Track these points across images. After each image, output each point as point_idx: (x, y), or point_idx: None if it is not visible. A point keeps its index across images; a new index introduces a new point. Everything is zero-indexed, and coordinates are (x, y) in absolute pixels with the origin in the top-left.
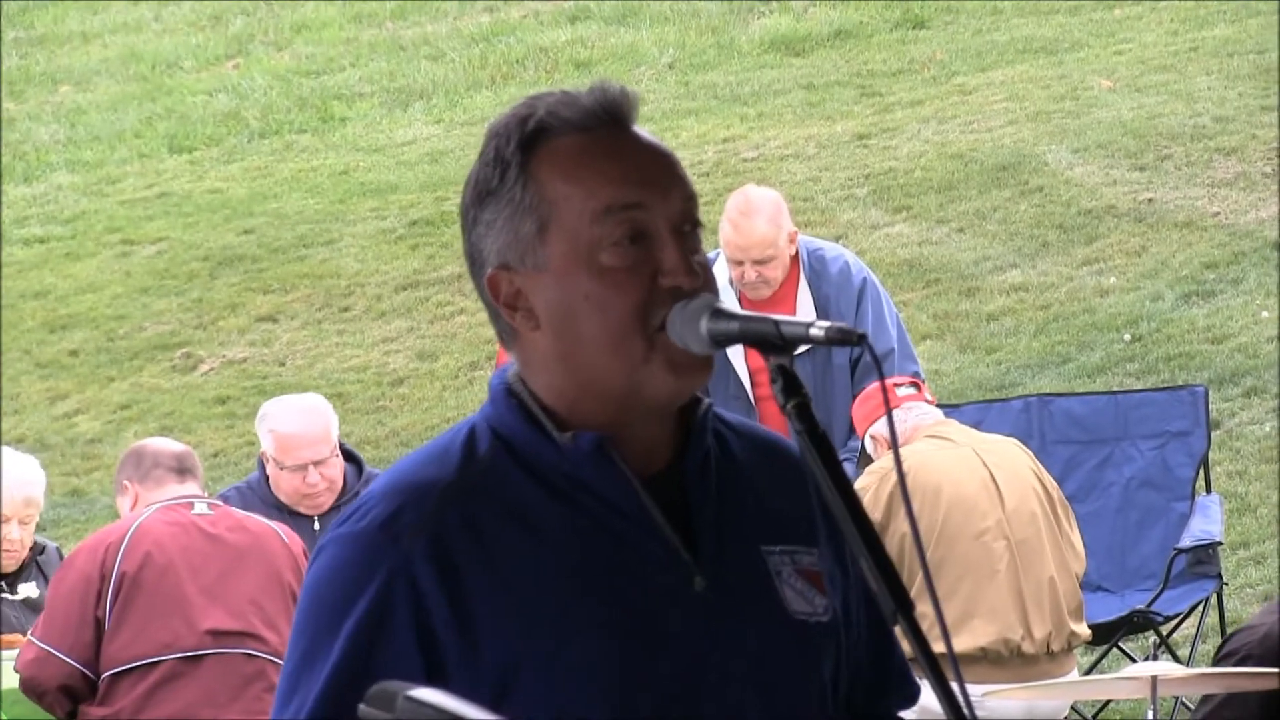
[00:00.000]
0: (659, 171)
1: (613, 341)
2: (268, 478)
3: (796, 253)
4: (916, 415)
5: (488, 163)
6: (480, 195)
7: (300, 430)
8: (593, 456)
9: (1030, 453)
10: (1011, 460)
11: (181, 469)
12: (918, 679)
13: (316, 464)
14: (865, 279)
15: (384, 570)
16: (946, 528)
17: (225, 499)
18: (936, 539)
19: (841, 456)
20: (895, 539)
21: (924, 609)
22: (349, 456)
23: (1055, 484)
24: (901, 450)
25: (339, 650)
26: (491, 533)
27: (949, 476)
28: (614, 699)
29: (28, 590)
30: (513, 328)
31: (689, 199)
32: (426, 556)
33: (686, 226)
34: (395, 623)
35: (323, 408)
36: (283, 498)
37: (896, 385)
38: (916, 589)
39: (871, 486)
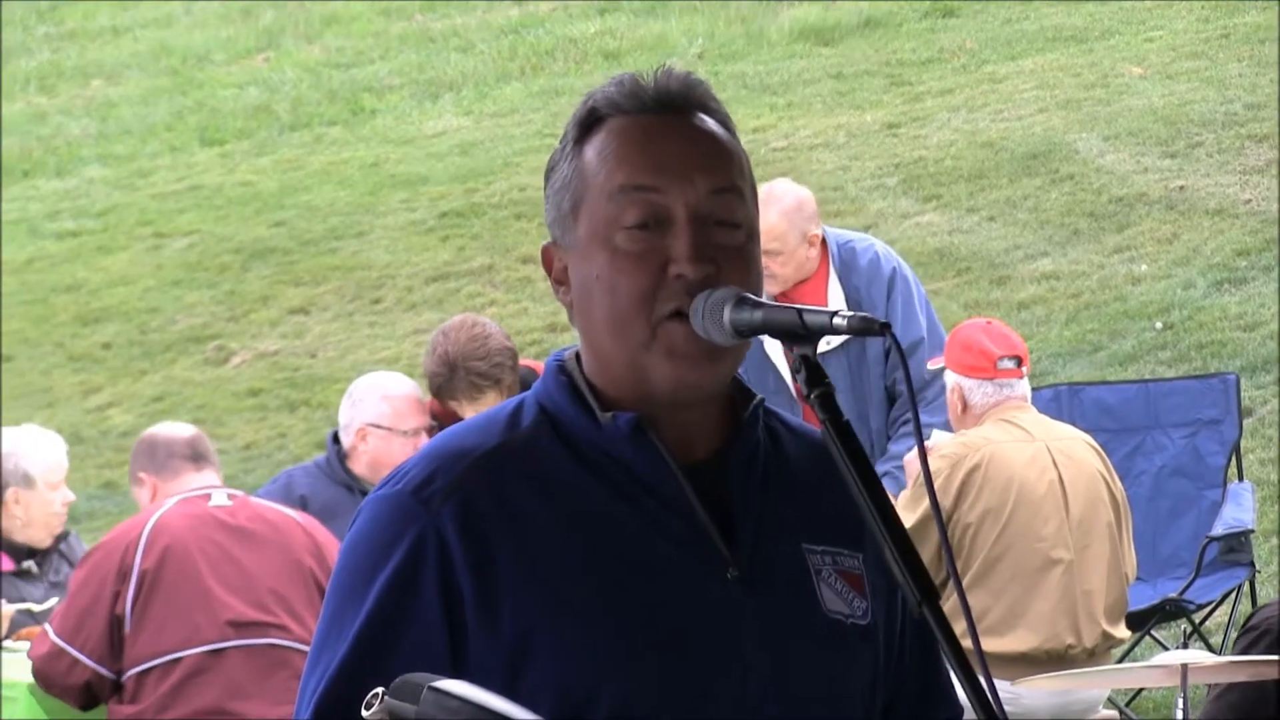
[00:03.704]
0: (689, 158)
1: (616, 325)
2: (342, 456)
3: (825, 246)
4: (1006, 393)
5: (560, 140)
6: (548, 170)
7: (414, 394)
8: (631, 437)
9: (1101, 452)
10: (1082, 462)
11: (196, 455)
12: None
13: (428, 432)
14: (895, 268)
15: (414, 532)
16: (1011, 524)
17: (290, 478)
18: (999, 534)
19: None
20: (959, 528)
21: (971, 601)
22: None
23: (1121, 487)
24: (976, 435)
25: (367, 608)
26: (521, 502)
27: (1021, 474)
28: (624, 679)
29: (54, 575)
30: (565, 303)
31: (722, 191)
32: (455, 521)
33: (714, 219)
34: (422, 582)
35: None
36: (382, 472)
37: (1003, 357)
38: (969, 579)
39: (943, 472)
